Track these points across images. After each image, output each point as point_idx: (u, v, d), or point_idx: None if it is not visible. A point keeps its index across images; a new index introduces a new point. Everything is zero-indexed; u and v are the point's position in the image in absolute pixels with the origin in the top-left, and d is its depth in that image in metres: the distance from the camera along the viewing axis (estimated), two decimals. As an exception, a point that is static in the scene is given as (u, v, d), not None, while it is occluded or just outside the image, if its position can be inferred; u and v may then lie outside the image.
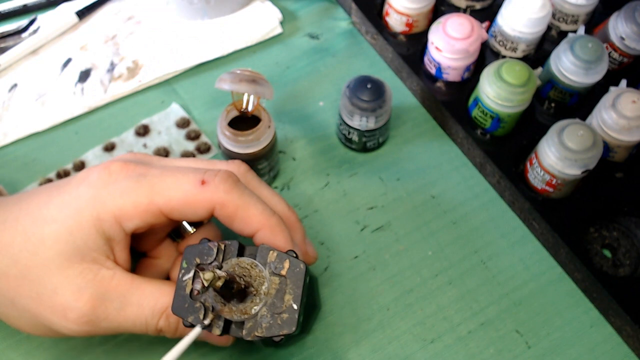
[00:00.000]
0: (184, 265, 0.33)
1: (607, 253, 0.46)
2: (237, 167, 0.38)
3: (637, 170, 0.48)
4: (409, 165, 0.51)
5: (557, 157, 0.43)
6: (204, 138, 0.51)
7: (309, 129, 0.52)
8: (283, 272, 0.32)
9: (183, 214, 0.35)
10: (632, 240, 0.46)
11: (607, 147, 0.47)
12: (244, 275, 0.32)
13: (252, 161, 0.45)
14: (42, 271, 0.33)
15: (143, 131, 0.51)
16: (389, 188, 0.49)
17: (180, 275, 0.33)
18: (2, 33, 0.56)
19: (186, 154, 0.50)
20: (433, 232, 0.47)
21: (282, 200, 0.39)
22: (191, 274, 0.33)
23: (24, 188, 0.48)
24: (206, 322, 0.32)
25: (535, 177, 0.46)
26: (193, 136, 0.51)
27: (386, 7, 0.54)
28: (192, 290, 0.33)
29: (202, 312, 0.32)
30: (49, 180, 0.49)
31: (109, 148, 0.50)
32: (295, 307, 0.32)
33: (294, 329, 0.31)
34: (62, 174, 0.49)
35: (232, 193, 0.34)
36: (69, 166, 0.50)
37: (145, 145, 0.51)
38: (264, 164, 0.46)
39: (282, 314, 0.32)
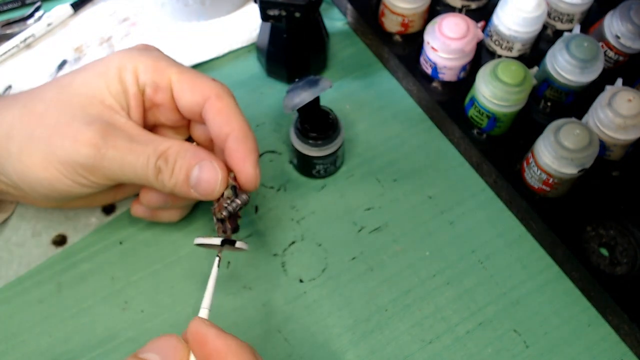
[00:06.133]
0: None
1: (604, 252, 0.46)
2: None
3: (634, 169, 0.48)
4: (406, 166, 0.51)
5: (553, 156, 0.43)
6: (200, 140, 0.51)
7: (305, 130, 0.52)
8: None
9: (182, 92, 0.40)
10: (629, 239, 0.46)
11: (603, 146, 0.47)
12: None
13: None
14: (65, 106, 0.38)
15: (139, 133, 0.51)
16: (386, 189, 0.49)
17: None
18: (7, 20, 0.57)
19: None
20: (430, 233, 0.47)
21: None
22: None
23: (19, 191, 0.48)
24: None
25: (532, 176, 0.46)
26: (189, 138, 0.51)
27: (381, 7, 0.54)
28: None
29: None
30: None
31: (105, 150, 0.50)
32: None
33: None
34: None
35: (231, 95, 0.40)
36: (64, 169, 0.49)
37: (141, 148, 0.50)
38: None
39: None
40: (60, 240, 0.46)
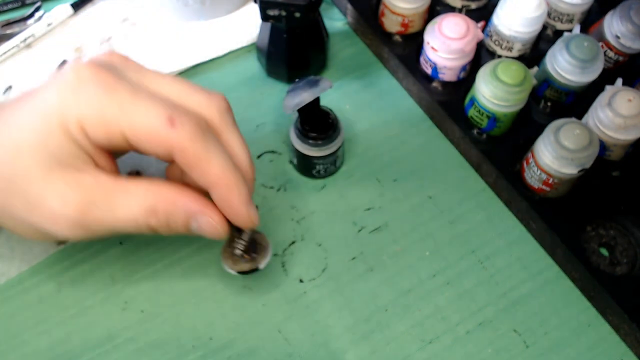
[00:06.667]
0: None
1: (604, 252, 0.46)
2: (218, 103, 0.36)
3: (634, 169, 0.48)
4: (406, 166, 0.51)
5: (553, 156, 0.43)
6: (200, 140, 0.51)
7: (305, 130, 0.52)
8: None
9: (143, 148, 0.34)
10: (629, 239, 0.46)
11: (603, 146, 0.47)
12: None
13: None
14: (25, 181, 0.33)
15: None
16: (386, 189, 0.49)
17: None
18: (7, 20, 0.57)
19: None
20: (430, 233, 0.47)
21: (247, 152, 0.38)
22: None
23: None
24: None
25: (532, 177, 0.46)
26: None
27: (381, 7, 0.54)
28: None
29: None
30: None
31: (105, 151, 0.50)
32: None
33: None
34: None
35: (197, 142, 0.33)
36: (64, 169, 0.49)
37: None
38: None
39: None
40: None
